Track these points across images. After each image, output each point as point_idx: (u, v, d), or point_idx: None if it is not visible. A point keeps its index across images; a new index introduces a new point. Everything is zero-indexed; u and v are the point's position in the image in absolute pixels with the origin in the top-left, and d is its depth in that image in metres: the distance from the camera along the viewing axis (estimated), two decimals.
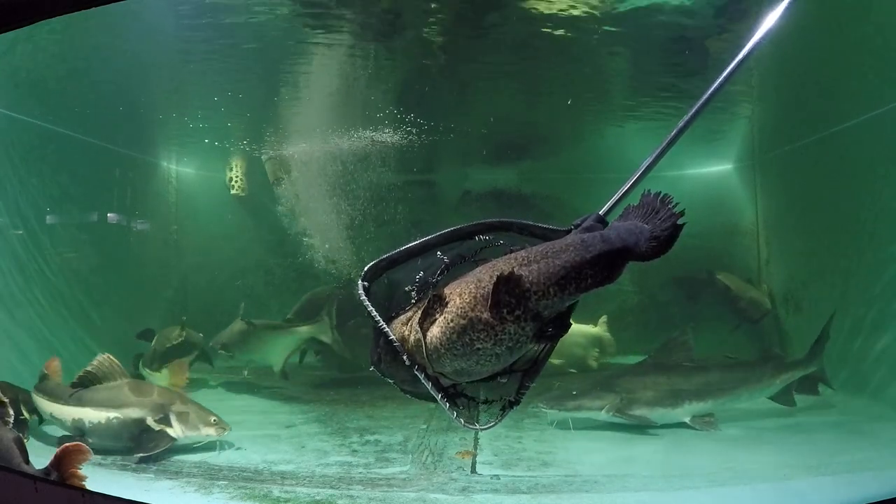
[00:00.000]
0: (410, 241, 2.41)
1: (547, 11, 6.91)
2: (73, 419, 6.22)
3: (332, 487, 5.33)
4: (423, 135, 10.42)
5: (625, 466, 5.94)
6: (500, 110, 10.46)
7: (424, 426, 7.20)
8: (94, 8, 3.60)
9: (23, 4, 3.22)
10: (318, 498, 5.07)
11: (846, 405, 7.57)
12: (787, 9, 2.39)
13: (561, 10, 6.92)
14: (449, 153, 12.34)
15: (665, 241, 2.25)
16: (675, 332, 7.61)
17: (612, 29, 7.31)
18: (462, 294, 2.17)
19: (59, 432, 6.45)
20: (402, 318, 2.30)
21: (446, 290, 2.22)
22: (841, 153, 9.21)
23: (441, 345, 2.14)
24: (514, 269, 2.11)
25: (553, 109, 10.32)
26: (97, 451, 5.63)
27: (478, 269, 2.27)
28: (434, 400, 2.27)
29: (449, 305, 2.16)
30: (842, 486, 5.16)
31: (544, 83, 9.19)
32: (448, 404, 2.21)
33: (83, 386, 6.39)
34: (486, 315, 2.10)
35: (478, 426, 2.30)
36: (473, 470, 5.81)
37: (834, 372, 7.59)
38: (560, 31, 7.37)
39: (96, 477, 3.21)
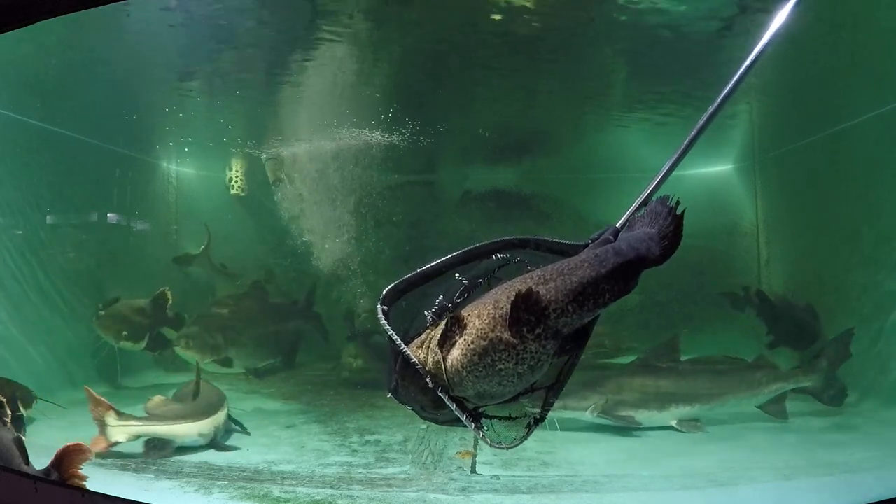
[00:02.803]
0: (427, 263, 2.38)
1: (548, 10, 6.92)
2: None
3: (332, 487, 5.33)
4: (423, 135, 10.41)
5: (625, 466, 5.95)
6: (500, 110, 10.45)
7: (424, 426, 7.20)
8: (94, 8, 3.60)
9: (23, 4, 3.22)
10: (318, 498, 5.07)
11: (846, 405, 7.56)
12: (794, 9, 2.38)
13: (562, 9, 6.93)
14: (449, 153, 12.34)
15: (673, 236, 2.26)
16: (667, 336, 7.64)
17: (614, 28, 7.32)
18: (481, 315, 2.16)
19: (61, 433, 6.45)
20: (417, 341, 2.29)
21: (464, 313, 2.21)
22: (841, 153, 9.22)
23: (463, 367, 2.13)
24: (532, 288, 2.12)
25: (553, 109, 10.31)
26: None
27: (494, 290, 2.28)
28: (455, 423, 2.26)
29: (468, 328, 2.16)
30: (842, 486, 5.16)
31: (545, 83, 9.18)
32: (473, 425, 2.21)
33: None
34: (506, 335, 2.10)
35: (504, 445, 2.28)
36: (473, 470, 5.81)
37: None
38: (561, 31, 7.37)
39: (96, 477, 3.21)
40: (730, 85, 2.37)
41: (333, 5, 6.90)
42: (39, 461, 3.18)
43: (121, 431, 5.99)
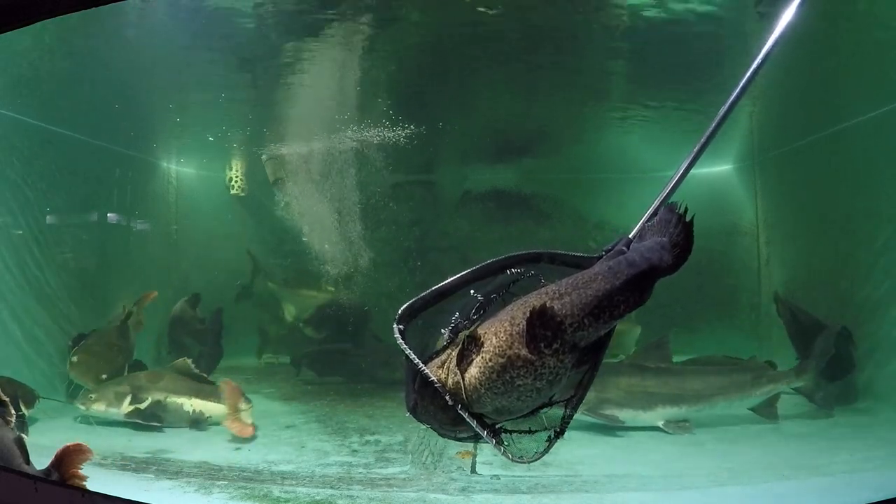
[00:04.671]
0: (441, 281, 2.37)
1: (548, 8, 6.92)
2: None
3: (332, 487, 5.33)
4: (423, 135, 10.41)
5: (625, 466, 5.95)
6: (500, 110, 10.45)
7: (424, 426, 7.19)
8: (94, 8, 3.60)
9: (23, 4, 3.22)
10: (318, 498, 5.07)
11: (846, 406, 7.56)
12: (798, 9, 2.36)
13: (563, 8, 6.92)
14: (449, 153, 12.34)
15: (684, 243, 2.29)
16: (658, 336, 7.62)
17: (614, 27, 7.31)
18: (497, 333, 2.17)
19: (61, 431, 6.47)
20: (437, 361, 2.29)
21: (480, 331, 2.22)
22: (841, 153, 9.21)
23: (481, 384, 2.14)
24: (547, 303, 2.12)
25: (553, 109, 10.31)
26: None
27: (509, 307, 2.27)
28: (475, 440, 2.28)
29: (485, 345, 2.16)
30: (842, 486, 5.16)
31: (545, 82, 9.18)
32: (494, 441, 2.22)
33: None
34: (524, 351, 2.11)
35: (525, 459, 2.29)
36: (473, 470, 5.82)
37: None
38: (561, 30, 7.37)
39: (96, 477, 3.21)
40: (738, 88, 2.36)
41: (333, 4, 6.90)
42: (40, 461, 3.18)
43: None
